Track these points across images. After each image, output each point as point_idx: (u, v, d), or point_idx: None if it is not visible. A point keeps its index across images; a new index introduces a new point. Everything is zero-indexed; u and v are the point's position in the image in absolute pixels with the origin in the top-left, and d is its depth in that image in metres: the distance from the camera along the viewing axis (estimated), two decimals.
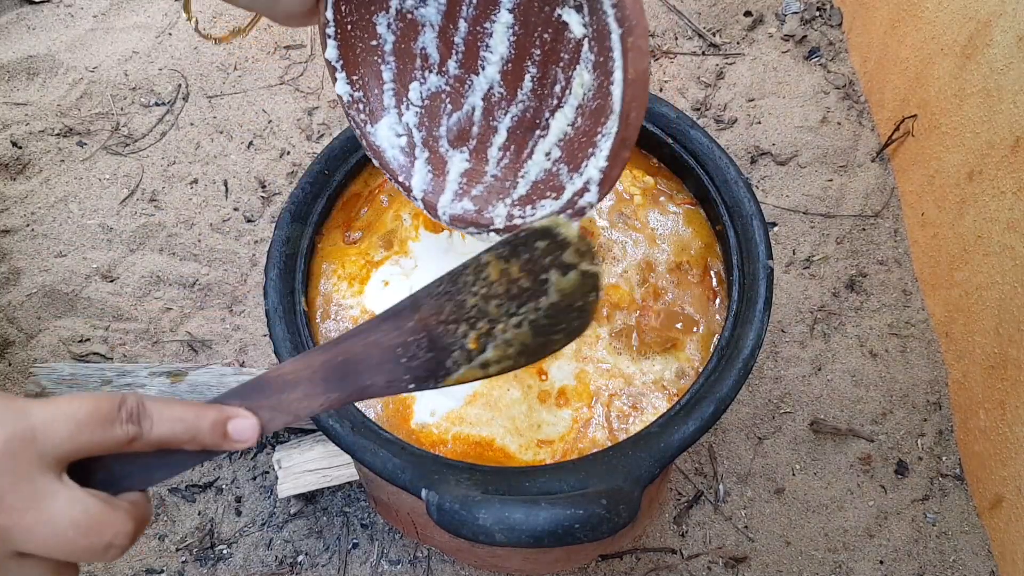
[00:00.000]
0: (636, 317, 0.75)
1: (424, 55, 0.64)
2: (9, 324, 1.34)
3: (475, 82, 0.64)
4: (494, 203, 0.64)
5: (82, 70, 1.63)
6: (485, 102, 0.64)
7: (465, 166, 0.66)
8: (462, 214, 0.65)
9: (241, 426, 0.45)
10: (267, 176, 1.49)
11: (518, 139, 0.63)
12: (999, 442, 1.09)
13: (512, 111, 0.63)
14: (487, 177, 0.65)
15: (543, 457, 0.69)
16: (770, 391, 1.25)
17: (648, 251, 0.79)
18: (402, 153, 0.68)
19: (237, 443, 0.45)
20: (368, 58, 0.65)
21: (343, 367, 0.49)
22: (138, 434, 0.41)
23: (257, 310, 1.35)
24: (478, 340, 0.50)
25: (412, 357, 0.50)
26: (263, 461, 1.21)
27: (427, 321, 0.50)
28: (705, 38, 1.63)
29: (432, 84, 0.65)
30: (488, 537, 0.54)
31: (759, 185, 1.45)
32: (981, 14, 1.16)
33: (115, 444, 0.40)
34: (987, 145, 1.14)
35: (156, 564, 1.15)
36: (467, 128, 0.65)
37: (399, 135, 0.67)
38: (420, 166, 0.67)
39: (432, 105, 0.66)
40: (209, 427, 0.44)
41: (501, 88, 0.62)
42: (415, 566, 1.12)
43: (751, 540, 1.14)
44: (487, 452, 0.70)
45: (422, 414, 0.72)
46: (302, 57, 1.64)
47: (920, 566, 1.12)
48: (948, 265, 1.25)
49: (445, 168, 0.67)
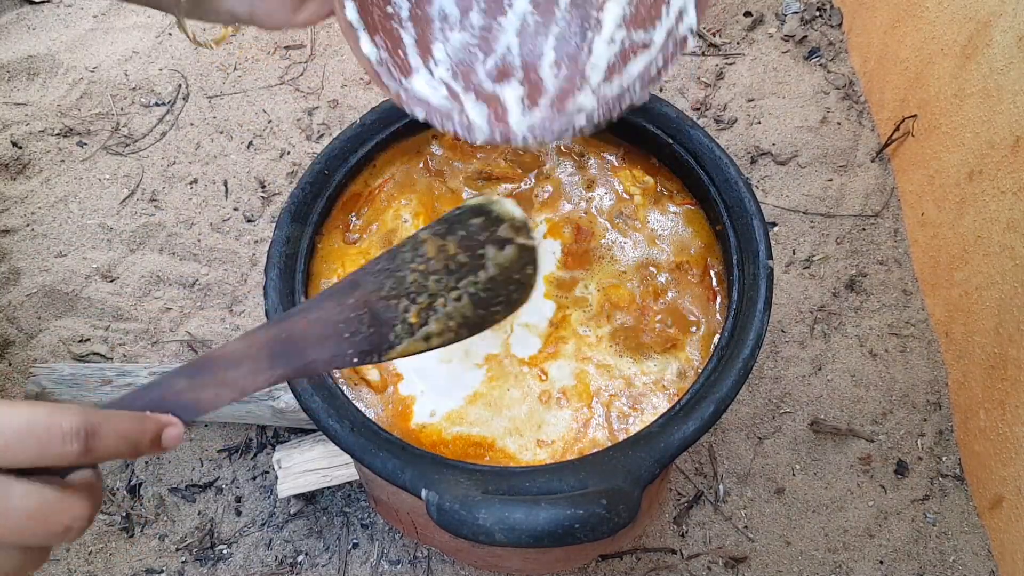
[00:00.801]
0: (636, 317, 0.75)
1: (443, 16, 0.60)
2: (9, 324, 1.34)
3: (504, 23, 0.59)
4: (575, 94, 0.58)
5: (82, 70, 1.63)
6: (520, 37, 0.59)
7: (520, 91, 0.60)
8: (541, 121, 0.59)
9: (172, 435, 0.47)
10: (267, 176, 1.49)
11: (570, 50, 0.58)
12: (999, 442, 1.09)
13: (554, 30, 0.58)
14: (550, 87, 0.59)
15: (543, 457, 0.69)
16: (770, 391, 1.25)
17: (648, 251, 0.79)
18: (447, 100, 0.61)
19: (165, 450, 0.47)
20: (386, 24, 0.61)
21: (287, 344, 0.51)
22: (83, 453, 0.41)
23: (257, 310, 1.35)
24: (419, 314, 0.53)
25: (355, 332, 0.52)
26: (263, 461, 1.21)
27: (368, 297, 0.52)
28: (705, 38, 1.63)
29: (456, 41, 0.61)
30: (488, 537, 0.54)
31: (759, 185, 1.45)
32: (981, 14, 1.16)
33: (58, 461, 0.41)
34: (987, 145, 1.14)
35: (156, 564, 1.15)
36: (508, 67, 0.60)
37: (435, 88, 0.61)
38: (471, 105, 0.60)
39: (462, 59, 0.61)
40: (148, 441, 0.45)
41: (535, 16, 0.58)
42: (415, 566, 1.12)
43: (751, 540, 1.14)
44: (487, 452, 0.70)
45: (422, 414, 0.72)
46: (302, 57, 1.64)
47: (920, 566, 1.12)
48: (948, 265, 1.25)
49: (500, 100, 0.61)
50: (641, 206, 0.81)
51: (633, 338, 0.74)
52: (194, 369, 0.49)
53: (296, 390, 0.68)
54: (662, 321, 0.75)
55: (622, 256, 0.79)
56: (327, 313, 0.53)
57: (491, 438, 0.70)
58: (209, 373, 0.49)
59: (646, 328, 0.75)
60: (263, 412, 1.15)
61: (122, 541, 1.17)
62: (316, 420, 0.67)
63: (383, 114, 0.82)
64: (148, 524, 1.18)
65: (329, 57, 1.63)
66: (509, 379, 0.73)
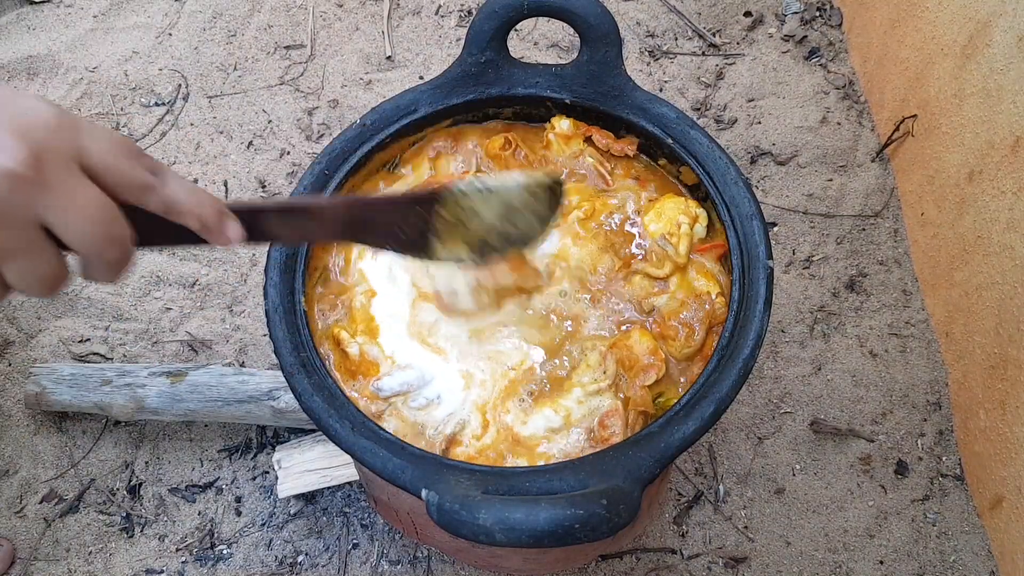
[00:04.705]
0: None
1: None
2: (9, 324, 1.34)
3: None
4: None
5: (82, 70, 1.63)
6: None
7: None
8: None
9: (235, 228, 0.51)
10: (267, 176, 1.49)
11: None
12: (999, 442, 1.09)
13: None
14: None
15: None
16: (770, 391, 1.25)
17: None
18: None
19: (226, 238, 0.50)
20: None
21: (361, 221, 0.59)
22: (152, 184, 0.45)
23: (257, 310, 1.35)
24: (456, 241, 0.63)
25: (406, 234, 0.61)
26: (263, 461, 1.21)
27: (424, 214, 0.61)
28: (705, 38, 1.63)
29: None
30: (488, 537, 0.54)
31: (759, 185, 1.45)
32: (981, 14, 1.16)
33: (134, 183, 0.44)
34: (987, 145, 1.14)
35: (156, 564, 1.15)
36: None
37: None
38: None
39: None
40: (212, 212, 0.49)
41: None
42: (415, 566, 1.12)
43: (751, 540, 1.14)
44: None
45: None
46: (302, 57, 1.64)
47: (920, 566, 1.12)
48: (948, 265, 1.25)
49: None
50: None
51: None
52: (288, 205, 0.58)
53: (296, 390, 0.68)
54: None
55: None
56: (396, 218, 0.60)
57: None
58: (298, 217, 0.56)
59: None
60: (263, 412, 1.15)
61: (122, 541, 1.17)
62: (316, 420, 0.67)
63: (383, 114, 0.82)
64: (148, 524, 1.18)
65: (329, 57, 1.63)
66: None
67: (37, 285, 0.43)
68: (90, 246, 0.43)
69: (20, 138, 0.39)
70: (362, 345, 0.73)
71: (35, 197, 0.40)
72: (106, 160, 0.43)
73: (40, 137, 0.40)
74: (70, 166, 0.41)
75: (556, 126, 0.83)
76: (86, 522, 1.18)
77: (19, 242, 0.41)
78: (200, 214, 0.48)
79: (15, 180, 0.39)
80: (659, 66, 1.60)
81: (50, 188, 0.40)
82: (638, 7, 1.69)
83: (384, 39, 1.65)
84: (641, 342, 0.72)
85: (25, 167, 0.39)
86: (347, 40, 1.66)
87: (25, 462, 1.23)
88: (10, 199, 0.39)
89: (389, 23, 1.68)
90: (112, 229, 0.43)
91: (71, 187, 0.41)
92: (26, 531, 1.17)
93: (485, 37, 0.79)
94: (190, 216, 0.48)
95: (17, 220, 0.40)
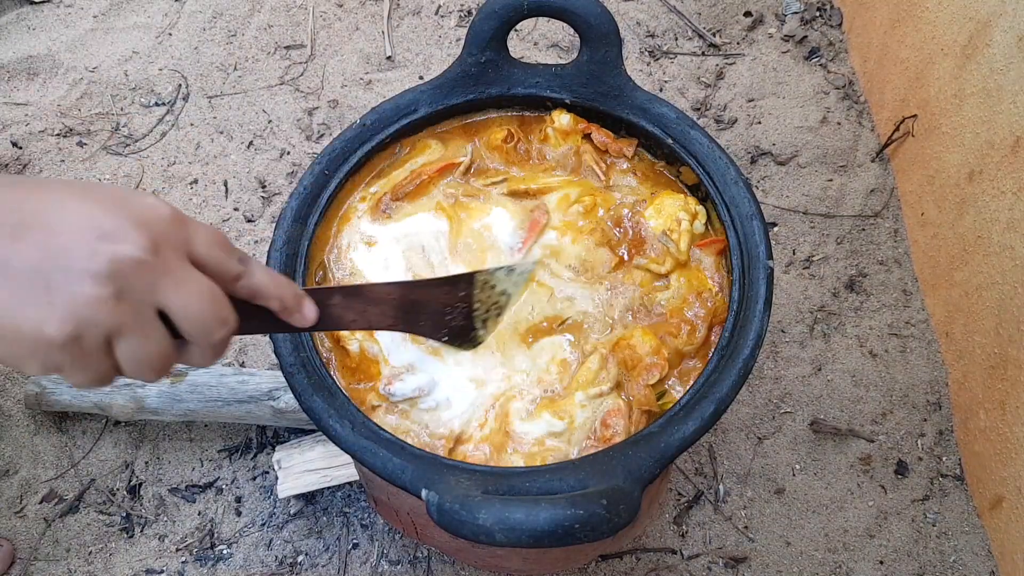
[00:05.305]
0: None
1: None
2: None
3: None
4: None
5: (82, 70, 1.63)
6: None
7: None
8: None
9: (311, 307, 0.55)
10: (267, 176, 1.49)
11: None
12: (999, 442, 1.09)
13: None
14: None
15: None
16: (770, 391, 1.25)
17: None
18: None
19: (303, 317, 0.55)
20: None
21: (413, 305, 0.64)
22: (242, 272, 0.50)
23: None
24: (483, 322, 0.70)
25: (452, 319, 0.67)
26: (263, 461, 1.21)
27: (463, 298, 0.67)
28: (705, 38, 1.63)
29: None
30: (488, 537, 0.54)
31: (759, 185, 1.45)
32: (981, 14, 1.16)
33: (229, 272, 0.49)
34: (987, 145, 1.14)
35: (156, 564, 1.15)
36: None
37: None
38: None
39: None
40: (291, 295, 0.54)
41: None
42: (415, 566, 1.12)
43: (751, 540, 1.14)
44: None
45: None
46: (302, 57, 1.64)
47: (920, 566, 1.13)
48: (948, 265, 1.25)
49: None
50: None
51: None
52: (350, 290, 0.61)
53: (296, 390, 0.68)
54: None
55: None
56: (442, 297, 0.65)
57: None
58: (357, 300, 0.60)
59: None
60: (263, 412, 1.15)
61: (122, 541, 1.17)
62: (316, 420, 0.67)
63: (383, 114, 0.82)
64: (148, 524, 1.18)
65: (329, 57, 1.63)
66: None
67: (147, 365, 0.46)
68: (201, 327, 0.47)
69: (142, 230, 0.44)
70: (362, 342, 0.73)
71: (155, 281, 0.45)
72: (210, 252, 0.48)
73: (159, 230, 0.45)
74: (182, 256, 0.47)
75: (556, 120, 0.83)
76: (86, 522, 1.18)
77: (136, 322, 0.45)
78: (281, 296, 0.53)
79: (138, 265, 0.44)
80: (659, 66, 1.60)
81: (168, 274, 0.45)
82: (638, 7, 1.69)
83: (384, 39, 1.65)
84: (643, 341, 0.72)
85: (147, 253, 0.44)
86: (347, 40, 1.66)
87: (25, 462, 1.23)
88: (133, 282, 0.44)
89: (389, 23, 1.68)
90: (221, 311, 0.48)
91: (185, 274, 0.46)
92: (26, 531, 1.17)
93: (485, 37, 0.79)
94: (273, 300, 0.53)
95: (137, 301, 0.44)
